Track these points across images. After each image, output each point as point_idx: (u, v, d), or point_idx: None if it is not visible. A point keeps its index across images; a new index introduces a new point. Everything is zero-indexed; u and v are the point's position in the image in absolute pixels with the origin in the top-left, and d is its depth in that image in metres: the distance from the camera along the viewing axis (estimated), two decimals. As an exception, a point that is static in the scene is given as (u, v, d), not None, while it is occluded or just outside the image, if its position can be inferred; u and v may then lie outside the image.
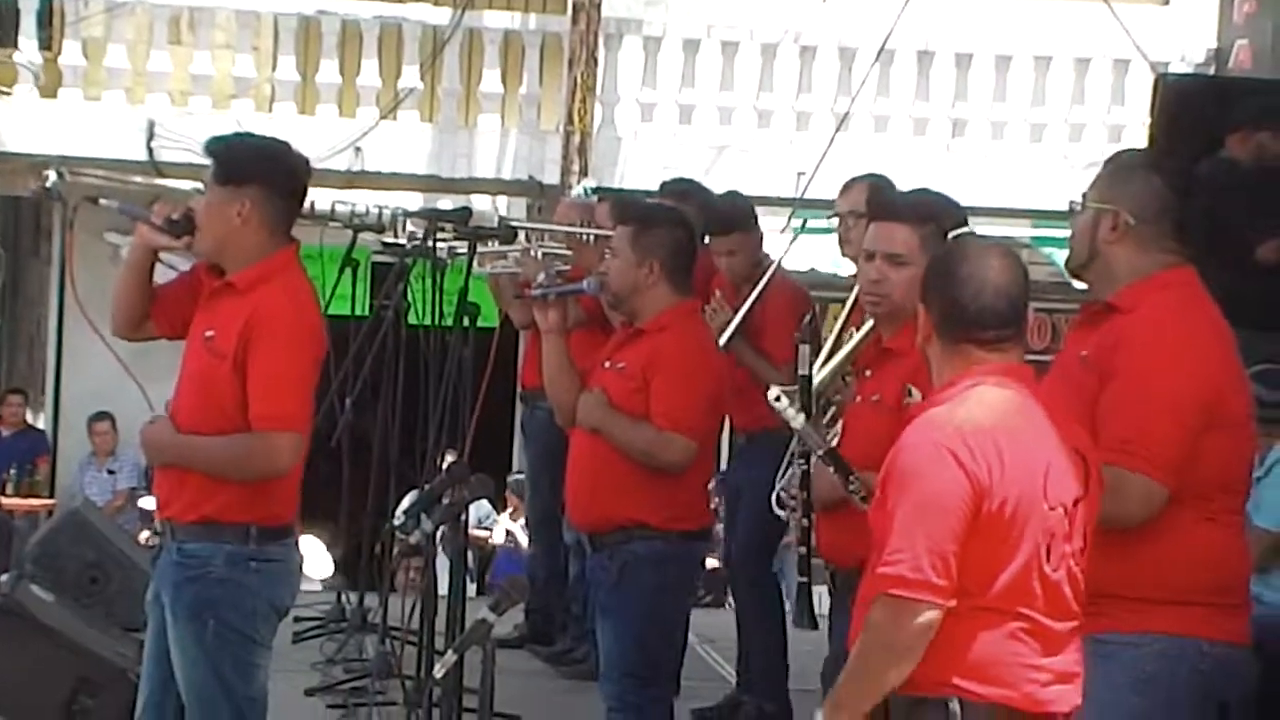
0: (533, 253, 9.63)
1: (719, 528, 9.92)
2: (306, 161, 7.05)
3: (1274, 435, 9.29)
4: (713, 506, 8.67)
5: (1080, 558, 5.05)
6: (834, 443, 6.19)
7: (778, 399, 6.37)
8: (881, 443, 5.54)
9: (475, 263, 9.40)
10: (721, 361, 8.16)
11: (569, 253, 9.53)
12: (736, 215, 9.96)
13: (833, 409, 6.89)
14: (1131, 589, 5.29)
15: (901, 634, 4.90)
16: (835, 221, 8.70)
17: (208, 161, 6.79)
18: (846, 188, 8.77)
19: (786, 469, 6.94)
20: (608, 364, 7.81)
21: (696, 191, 10.32)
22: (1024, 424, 5.04)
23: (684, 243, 7.88)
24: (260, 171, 6.75)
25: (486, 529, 18.24)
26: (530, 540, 12.50)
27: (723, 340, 8.97)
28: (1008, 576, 4.93)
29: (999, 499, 4.90)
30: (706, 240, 9.68)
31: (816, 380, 6.38)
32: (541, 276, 8.59)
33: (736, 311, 9.29)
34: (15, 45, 19.45)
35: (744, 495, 8.95)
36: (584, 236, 9.68)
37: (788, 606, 10.30)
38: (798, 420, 6.18)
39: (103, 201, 7.32)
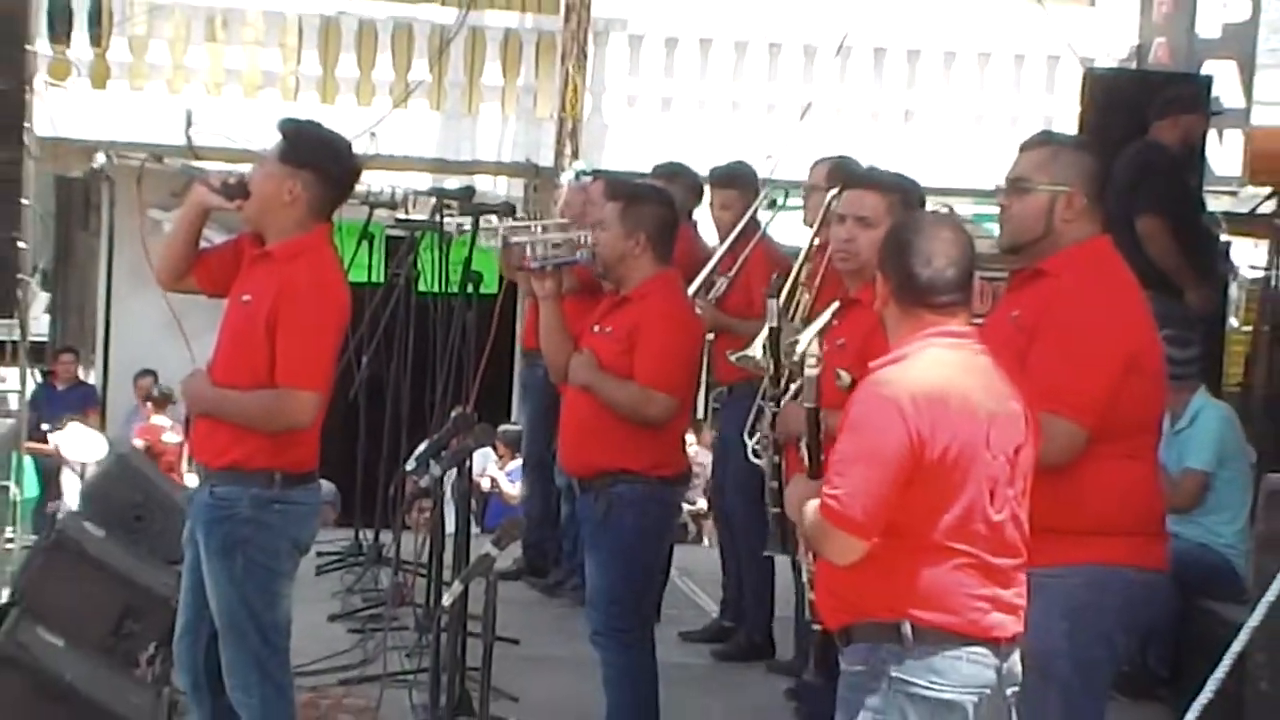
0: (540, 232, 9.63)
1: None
2: (357, 158, 7.05)
3: (1183, 389, 9.36)
4: None
5: (1022, 500, 5.08)
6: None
7: (744, 357, 6.46)
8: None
9: (499, 237, 9.41)
10: (698, 325, 8.18)
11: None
12: (739, 174, 10.08)
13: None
14: (1062, 523, 5.29)
15: (828, 548, 5.04)
16: (800, 199, 8.78)
17: (246, 146, 6.78)
18: (814, 166, 8.84)
19: (757, 414, 6.96)
20: (596, 328, 7.80)
21: (685, 173, 10.37)
22: (969, 380, 5.05)
23: (668, 218, 7.87)
24: (318, 160, 6.72)
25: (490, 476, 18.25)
26: (523, 484, 12.52)
27: (691, 290, 9.03)
28: (951, 517, 4.95)
29: (940, 448, 4.91)
30: (693, 216, 9.79)
31: (800, 349, 6.35)
32: (539, 250, 8.60)
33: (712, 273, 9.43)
34: (68, 42, 19.39)
35: (730, 444, 8.94)
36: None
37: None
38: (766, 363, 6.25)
39: (167, 161, 7.30)
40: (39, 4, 11.93)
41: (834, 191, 7.31)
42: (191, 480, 17.69)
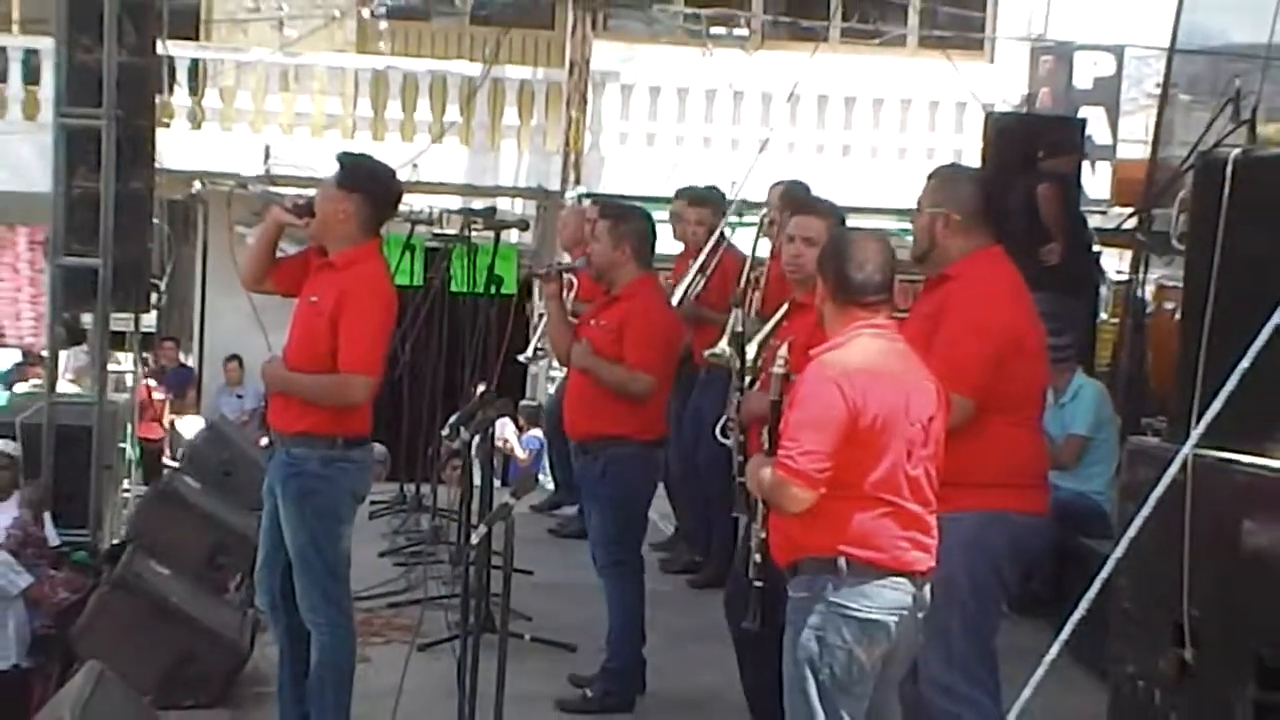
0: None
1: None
2: (399, 184, 7.03)
3: (1065, 370, 9.39)
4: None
5: (934, 460, 5.12)
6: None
7: (715, 354, 6.51)
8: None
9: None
10: (675, 318, 8.15)
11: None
12: (712, 197, 10.21)
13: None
14: (962, 478, 5.28)
15: (784, 500, 5.05)
16: (759, 215, 8.91)
17: (313, 174, 6.81)
18: (771, 188, 9.00)
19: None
20: (593, 322, 7.83)
21: (714, 196, 10.42)
22: (892, 362, 5.10)
23: (646, 232, 7.86)
24: (366, 185, 6.71)
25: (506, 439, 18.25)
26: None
27: (675, 300, 9.07)
28: (878, 472, 4.99)
29: (870, 417, 4.96)
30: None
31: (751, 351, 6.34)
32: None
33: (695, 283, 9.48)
34: (172, 92, 19.34)
35: (706, 415, 8.90)
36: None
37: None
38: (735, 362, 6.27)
39: (250, 188, 7.35)
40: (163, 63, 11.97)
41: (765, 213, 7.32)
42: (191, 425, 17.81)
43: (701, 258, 9.69)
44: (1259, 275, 4.82)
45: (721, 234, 9.85)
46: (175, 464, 14.04)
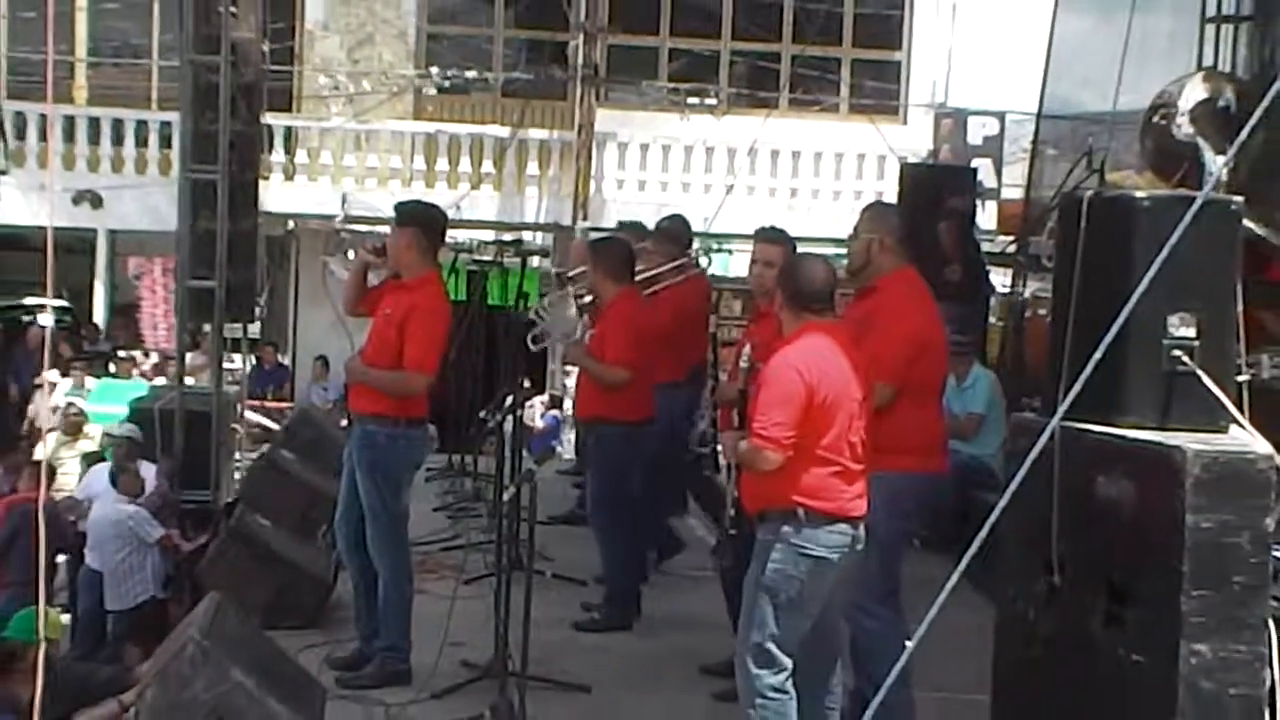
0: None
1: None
2: (446, 219, 7.06)
3: (964, 361, 9.40)
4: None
5: (865, 430, 5.14)
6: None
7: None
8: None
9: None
10: (646, 322, 7.90)
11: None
12: (675, 229, 9.53)
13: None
14: (882, 445, 5.28)
15: (758, 463, 5.05)
16: (726, 245, 8.87)
17: (379, 214, 6.85)
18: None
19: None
20: (591, 331, 7.87)
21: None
22: (836, 353, 5.13)
23: (623, 255, 7.89)
24: (420, 220, 6.76)
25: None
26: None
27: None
28: (828, 439, 5.02)
29: (823, 395, 5.00)
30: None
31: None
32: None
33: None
34: (271, 152, 19.38)
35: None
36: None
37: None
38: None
39: (334, 225, 7.41)
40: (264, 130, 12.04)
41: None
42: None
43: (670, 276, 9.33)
44: (1107, 288, 4.83)
45: (693, 259, 9.65)
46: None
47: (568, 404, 15.81)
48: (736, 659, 5.15)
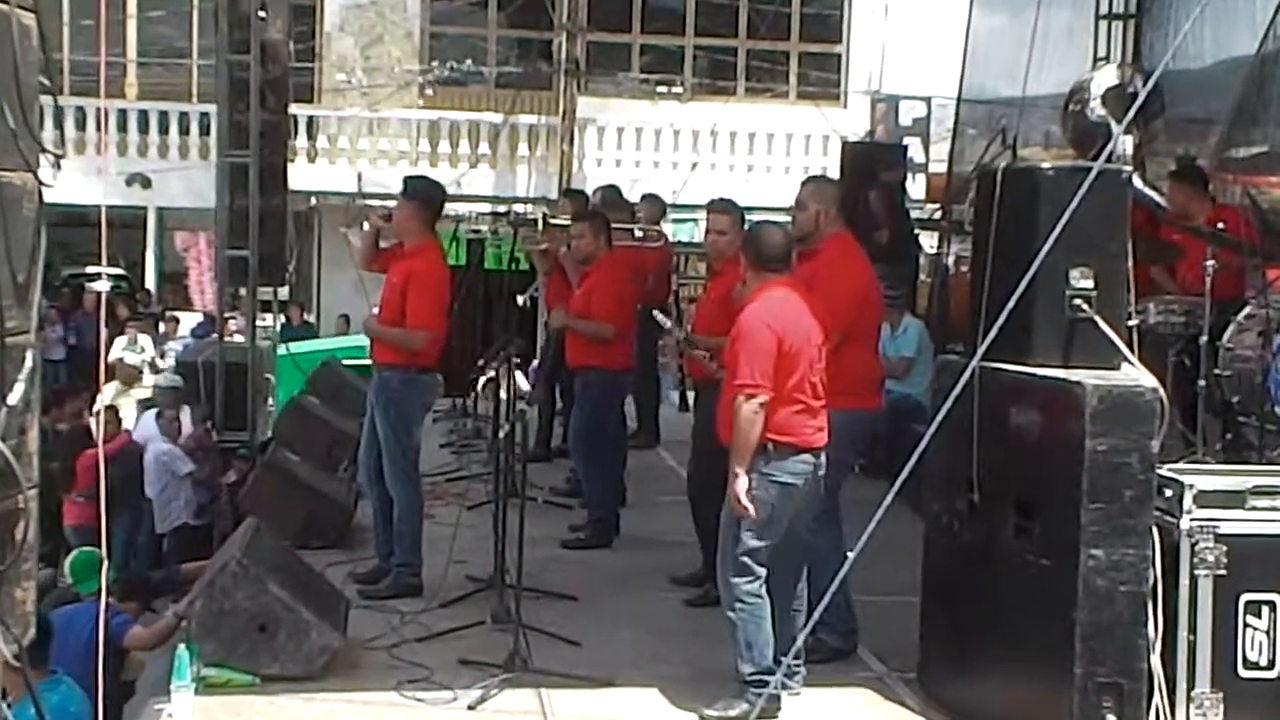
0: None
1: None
2: (445, 193, 7.00)
3: (897, 311, 9.40)
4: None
5: (824, 373, 5.07)
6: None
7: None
8: (717, 319, 5.88)
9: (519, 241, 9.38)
10: (631, 282, 7.96)
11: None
12: (653, 208, 9.87)
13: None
14: (831, 386, 5.24)
15: (749, 408, 4.91)
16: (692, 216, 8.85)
17: (390, 191, 6.82)
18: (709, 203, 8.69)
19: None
20: (577, 290, 7.81)
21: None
22: (797, 307, 5.05)
23: (607, 224, 7.86)
24: (420, 195, 6.70)
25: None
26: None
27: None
28: (793, 380, 4.94)
29: (789, 343, 4.92)
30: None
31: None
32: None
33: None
34: (296, 137, 19.15)
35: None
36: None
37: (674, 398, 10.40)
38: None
39: (352, 201, 7.40)
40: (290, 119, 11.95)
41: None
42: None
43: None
44: (1018, 247, 4.84)
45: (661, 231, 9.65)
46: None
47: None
48: (718, 571, 5.14)
